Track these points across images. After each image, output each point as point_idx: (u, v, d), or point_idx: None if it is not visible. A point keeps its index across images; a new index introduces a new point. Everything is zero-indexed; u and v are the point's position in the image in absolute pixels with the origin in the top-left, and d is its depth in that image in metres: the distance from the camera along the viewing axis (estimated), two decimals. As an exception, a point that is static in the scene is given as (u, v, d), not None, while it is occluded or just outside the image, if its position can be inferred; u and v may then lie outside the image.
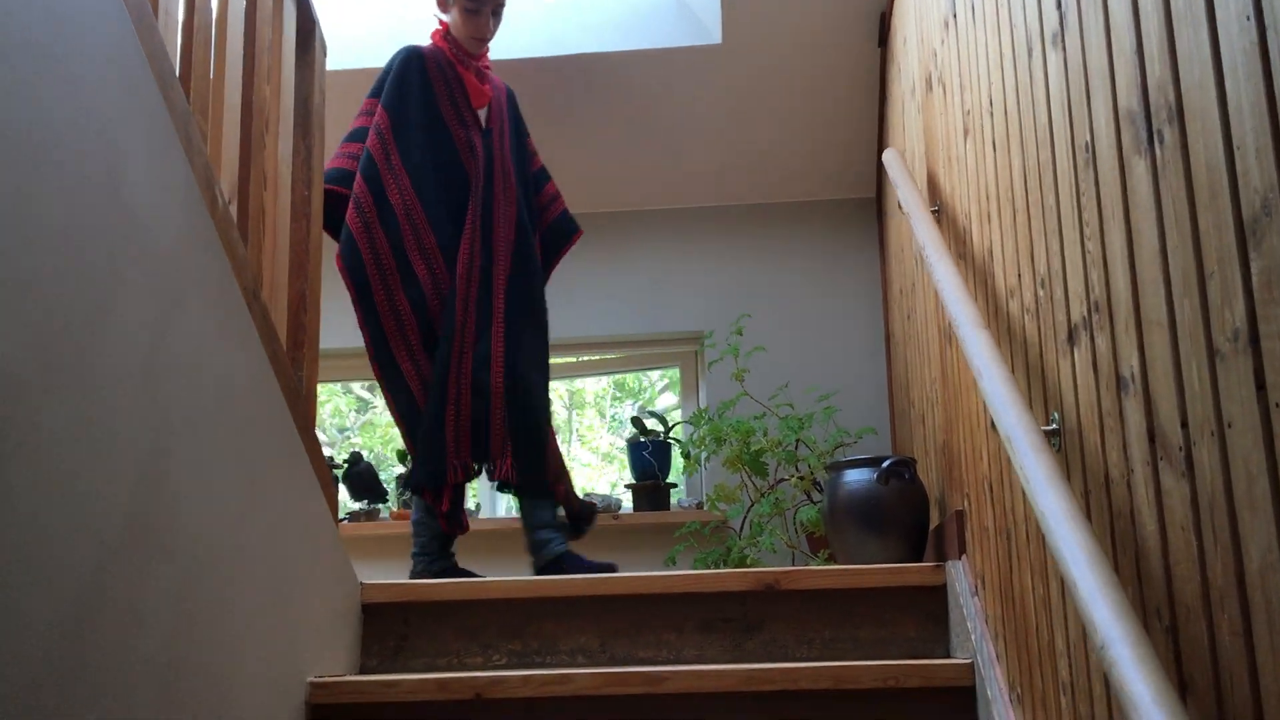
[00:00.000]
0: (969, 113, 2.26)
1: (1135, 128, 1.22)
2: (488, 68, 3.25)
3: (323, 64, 2.93)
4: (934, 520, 2.87)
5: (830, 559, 3.12)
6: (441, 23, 3.27)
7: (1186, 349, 1.10)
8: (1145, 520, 1.24)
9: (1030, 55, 1.69)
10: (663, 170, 4.35)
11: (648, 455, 4.00)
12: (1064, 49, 1.51)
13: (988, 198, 2.07)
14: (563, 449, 3.44)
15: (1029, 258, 1.77)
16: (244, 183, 2.35)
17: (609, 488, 6.96)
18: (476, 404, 2.99)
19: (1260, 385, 0.93)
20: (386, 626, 2.67)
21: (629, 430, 4.30)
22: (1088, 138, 1.40)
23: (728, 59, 3.91)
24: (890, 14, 3.69)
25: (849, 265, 4.41)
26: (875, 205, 4.54)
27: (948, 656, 2.50)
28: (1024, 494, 1.80)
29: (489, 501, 4.54)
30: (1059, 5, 1.52)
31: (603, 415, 7.20)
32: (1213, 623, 1.06)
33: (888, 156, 2.95)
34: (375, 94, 3.20)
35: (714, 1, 3.81)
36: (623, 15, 3.89)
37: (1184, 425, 1.11)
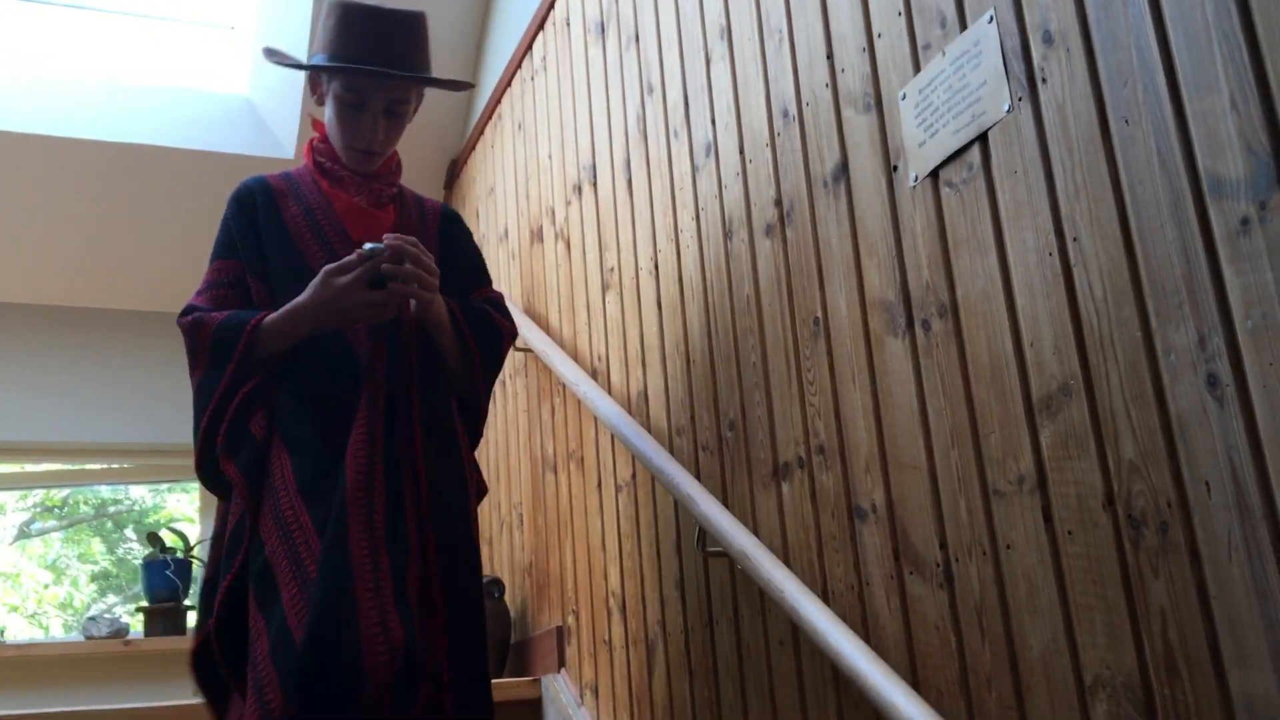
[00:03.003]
0: (612, 270, 2.57)
1: (890, 314, 1.58)
2: (393, 186, 2.10)
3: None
4: (514, 636, 3.05)
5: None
6: (316, 124, 2.11)
7: (951, 488, 1.44)
8: (885, 623, 1.55)
9: (730, 238, 2.04)
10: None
11: (171, 575, 3.73)
12: (784, 240, 1.86)
13: (642, 348, 2.38)
14: None
15: (709, 404, 2.08)
16: None
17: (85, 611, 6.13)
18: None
19: (1048, 518, 1.28)
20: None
21: (131, 547, 3.99)
22: (818, 314, 1.75)
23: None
24: (464, 162, 3.96)
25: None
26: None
27: (546, 766, 2.66)
28: (692, 605, 2.07)
29: None
30: (778, 203, 1.88)
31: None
32: (972, 701, 1.39)
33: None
34: (218, 255, 2.03)
35: (293, 123, 3.83)
36: (198, 115, 3.78)
37: (942, 547, 1.45)
